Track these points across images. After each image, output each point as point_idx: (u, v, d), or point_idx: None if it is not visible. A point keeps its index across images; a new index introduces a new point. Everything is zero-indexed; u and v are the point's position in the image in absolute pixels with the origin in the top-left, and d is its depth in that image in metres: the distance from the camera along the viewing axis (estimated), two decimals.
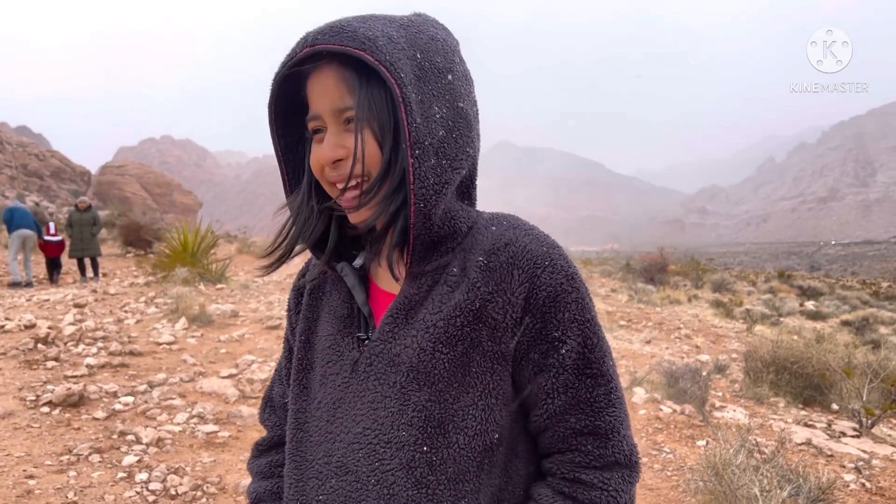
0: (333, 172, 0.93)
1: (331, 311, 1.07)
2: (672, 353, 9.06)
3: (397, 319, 0.96)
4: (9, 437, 4.22)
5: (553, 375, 0.95)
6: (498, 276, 0.93)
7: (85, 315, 8.17)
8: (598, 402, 0.96)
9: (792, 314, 18.09)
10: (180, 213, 65.01)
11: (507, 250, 0.95)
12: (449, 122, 0.93)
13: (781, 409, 6.17)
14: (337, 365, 1.01)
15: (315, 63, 0.90)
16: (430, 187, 0.89)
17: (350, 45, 0.85)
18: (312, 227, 1.01)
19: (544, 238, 0.98)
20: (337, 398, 0.99)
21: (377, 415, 0.94)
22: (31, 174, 63.43)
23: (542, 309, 0.93)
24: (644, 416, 5.47)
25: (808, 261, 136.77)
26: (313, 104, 0.93)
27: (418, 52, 0.92)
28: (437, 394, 0.92)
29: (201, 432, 4.56)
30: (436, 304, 0.94)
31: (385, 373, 0.95)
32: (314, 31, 0.88)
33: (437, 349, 0.92)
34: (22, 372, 5.62)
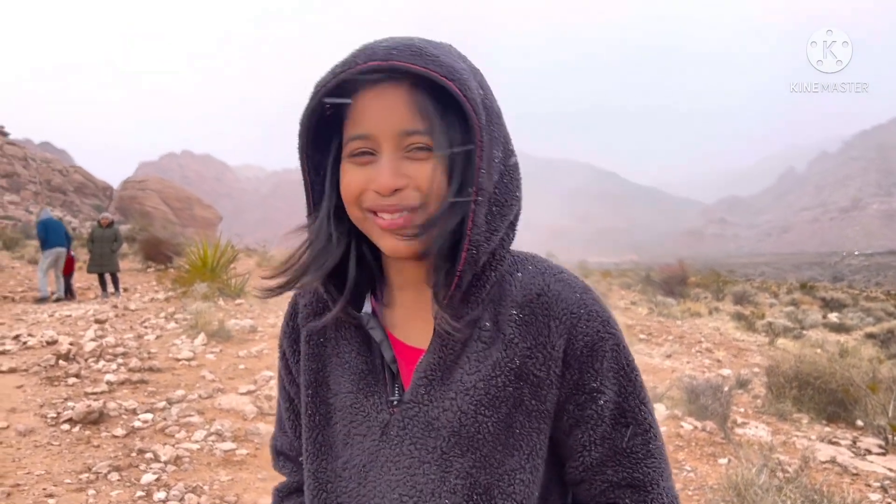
0: (385, 201, 0.84)
1: (343, 363, 0.98)
2: (693, 368, 8.96)
3: (432, 381, 0.91)
4: (30, 455, 4.26)
5: (590, 427, 0.92)
6: (535, 329, 0.90)
7: (105, 331, 8.24)
8: (636, 452, 0.93)
9: (815, 327, 17.85)
10: (200, 227, 65.66)
11: (540, 301, 0.91)
12: (502, 165, 0.89)
13: (805, 425, 6.08)
14: (363, 426, 0.95)
15: (374, 81, 0.83)
16: (482, 234, 0.85)
17: (437, 70, 0.79)
18: (327, 257, 0.93)
19: (575, 281, 0.95)
20: (367, 461, 0.93)
21: (415, 481, 0.89)
22: (54, 189, 64.44)
23: (579, 360, 0.90)
24: (665, 433, 5.40)
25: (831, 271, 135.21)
26: (366, 123, 0.84)
27: (481, 87, 0.87)
28: (481, 459, 0.88)
29: (219, 450, 4.57)
30: (472, 364, 0.89)
31: (422, 437, 0.90)
32: (384, 46, 0.82)
33: (479, 412, 0.88)
34: (43, 388, 5.68)
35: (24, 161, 64.04)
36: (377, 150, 0.84)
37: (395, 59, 0.79)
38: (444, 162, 0.83)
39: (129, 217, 56.65)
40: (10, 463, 4.11)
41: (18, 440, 4.50)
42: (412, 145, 0.83)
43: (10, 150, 63.00)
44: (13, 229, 35.34)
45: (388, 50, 0.80)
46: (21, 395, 5.46)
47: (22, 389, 5.61)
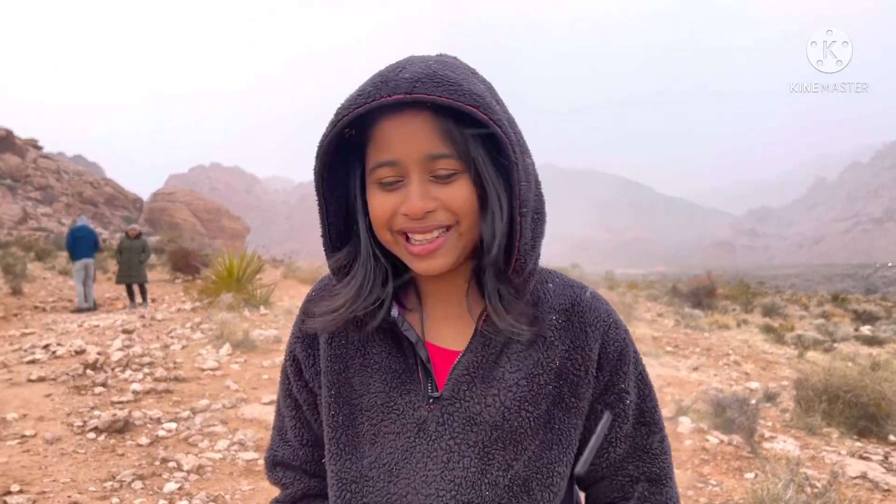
0: (416, 224, 0.87)
1: (371, 364, 1.00)
2: (720, 381, 8.82)
3: (474, 377, 0.95)
4: (56, 463, 4.31)
5: (617, 425, 1.00)
6: (572, 334, 0.97)
7: (133, 341, 8.34)
8: (654, 449, 1.02)
9: (846, 339, 17.50)
10: (229, 239, 66.35)
11: (575, 310, 0.98)
12: (534, 171, 0.93)
13: (835, 440, 5.95)
14: (396, 424, 0.97)
15: (396, 109, 0.85)
16: (528, 243, 0.89)
17: (460, 99, 0.81)
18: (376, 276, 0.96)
19: (598, 295, 1.03)
20: (400, 458, 0.96)
21: (454, 475, 0.93)
22: (86, 201, 65.63)
23: (612, 363, 0.98)
24: (690, 446, 5.32)
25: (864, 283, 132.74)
26: (392, 150, 0.86)
27: (498, 103, 0.89)
28: (521, 452, 0.94)
29: (241, 460, 4.59)
30: (513, 363, 0.95)
31: (463, 432, 0.94)
32: (407, 78, 0.82)
33: (522, 407, 0.94)
34: (71, 397, 5.75)
35: (57, 174, 65.34)
36: (405, 175, 0.87)
37: (419, 91, 0.80)
38: (473, 177, 0.86)
39: (159, 228, 57.48)
40: (36, 470, 4.17)
41: (45, 448, 4.56)
42: (440, 169, 0.85)
43: (44, 163, 64.34)
44: (45, 240, 36.05)
45: (411, 82, 0.81)
46: (49, 403, 5.55)
47: (50, 398, 5.69)
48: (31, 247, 27.86)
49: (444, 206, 0.86)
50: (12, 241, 33.82)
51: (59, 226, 52.22)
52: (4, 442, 4.65)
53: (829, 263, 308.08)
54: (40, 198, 59.41)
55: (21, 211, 51.09)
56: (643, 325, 14.71)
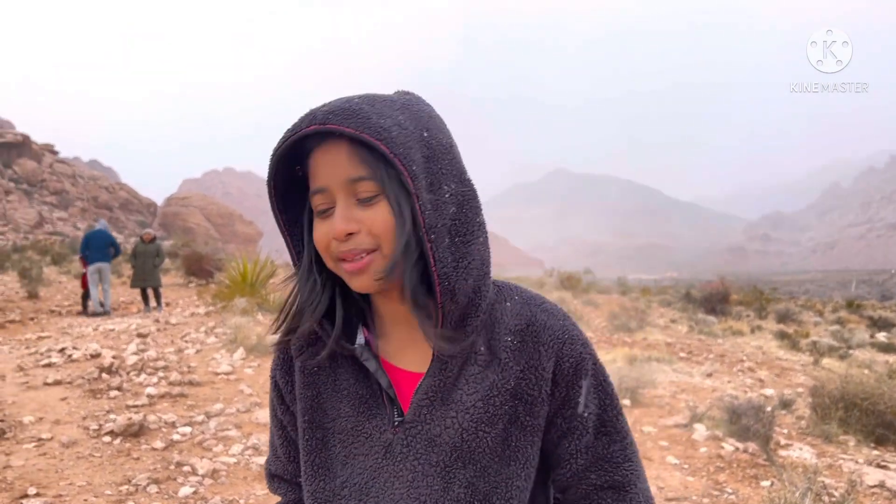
0: (344, 247, 0.93)
1: (340, 390, 1.06)
2: (734, 387, 8.76)
3: (434, 401, 0.99)
4: (72, 466, 4.34)
5: (576, 438, 1.03)
6: (527, 355, 1.00)
7: (147, 345, 8.38)
8: (615, 457, 1.04)
9: (862, 346, 17.33)
10: (241, 243, 66.60)
11: (530, 330, 1.01)
12: (458, 196, 0.96)
13: (851, 448, 5.89)
14: (365, 446, 1.02)
15: (320, 140, 0.92)
16: (449, 266, 0.92)
17: (366, 132, 0.87)
18: (317, 302, 1.01)
19: (556, 311, 1.06)
20: (368, 478, 1.01)
21: (418, 493, 0.98)
22: (101, 206, 66.11)
23: (566, 379, 1.01)
24: (705, 454, 5.29)
25: (879, 290, 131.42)
26: (320, 177, 0.93)
27: (424, 131, 0.94)
28: (481, 470, 0.98)
29: (255, 464, 4.60)
30: (471, 385, 0.98)
31: (425, 453, 0.98)
32: (323, 111, 0.90)
33: (479, 429, 0.97)
34: (86, 401, 5.79)
35: (73, 178, 65.90)
36: (333, 202, 0.93)
37: (331, 122, 0.88)
38: (392, 201, 0.90)
39: (172, 233, 57.80)
40: (53, 474, 4.20)
41: (61, 451, 4.59)
42: (361, 192, 0.91)
43: (60, 168, 64.90)
44: (61, 245, 36.33)
45: (325, 114, 0.89)
46: (65, 406, 5.59)
47: (66, 401, 5.73)
48: (47, 251, 28.08)
49: (366, 230, 0.91)
50: (28, 245, 34.12)
51: (74, 230, 52.65)
52: (21, 445, 4.69)
53: (844, 269, 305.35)
54: (56, 202, 59.92)
55: (37, 215, 51.54)
56: (656, 331, 14.65)
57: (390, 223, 0.91)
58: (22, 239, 41.72)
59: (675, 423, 6.14)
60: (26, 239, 41.82)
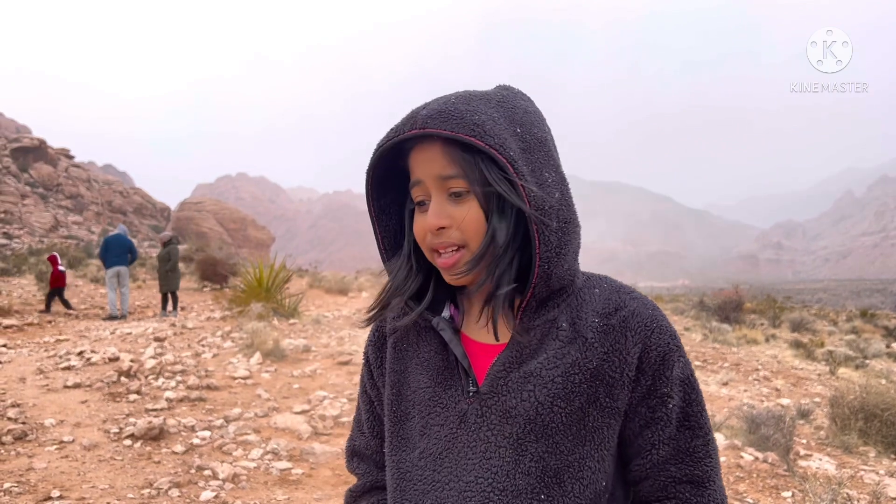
0: (436, 239, 1.00)
1: (422, 362, 1.10)
2: (750, 396, 8.71)
3: (510, 372, 1.01)
4: (94, 469, 4.37)
5: (660, 429, 1.03)
6: (612, 338, 1.01)
7: (165, 349, 8.43)
8: (697, 452, 1.04)
9: (878, 356, 17.17)
10: (254, 248, 66.86)
11: (619, 314, 1.03)
12: (559, 184, 1.02)
13: (872, 459, 5.84)
14: (441, 416, 1.05)
15: (419, 140, 1.00)
16: (552, 250, 0.97)
17: (461, 131, 0.93)
18: (410, 284, 1.09)
19: (646, 300, 1.07)
20: (443, 448, 1.04)
21: (490, 464, 0.99)
22: (115, 210, 66.53)
23: (653, 368, 1.02)
24: (724, 463, 5.26)
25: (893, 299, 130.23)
26: (417, 171, 1.01)
27: (518, 126, 1.00)
28: (553, 445, 0.99)
29: (275, 469, 4.62)
30: (550, 360, 1.00)
31: (499, 424, 1.00)
32: (424, 115, 0.97)
33: (555, 403, 0.99)
34: (106, 404, 5.83)
35: (88, 183, 66.37)
36: (429, 196, 1.01)
37: (430, 126, 0.95)
38: (480, 196, 0.97)
39: (186, 237, 58.11)
40: (75, 476, 4.23)
41: (83, 454, 4.62)
42: (452, 189, 0.98)
43: (75, 172, 65.39)
44: (76, 248, 36.57)
45: (425, 118, 0.96)
46: (85, 409, 5.63)
47: (86, 404, 5.77)
48: (63, 254, 28.27)
49: (456, 225, 0.98)
50: (44, 248, 34.37)
51: (88, 234, 52.99)
52: (43, 448, 4.73)
53: (857, 278, 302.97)
54: (71, 206, 60.37)
55: (52, 219, 51.93)
56: None
57: (479, 221, 0.97)
58: (37, 242, 42.05)
59: None
60: (41, 242, 42.14)
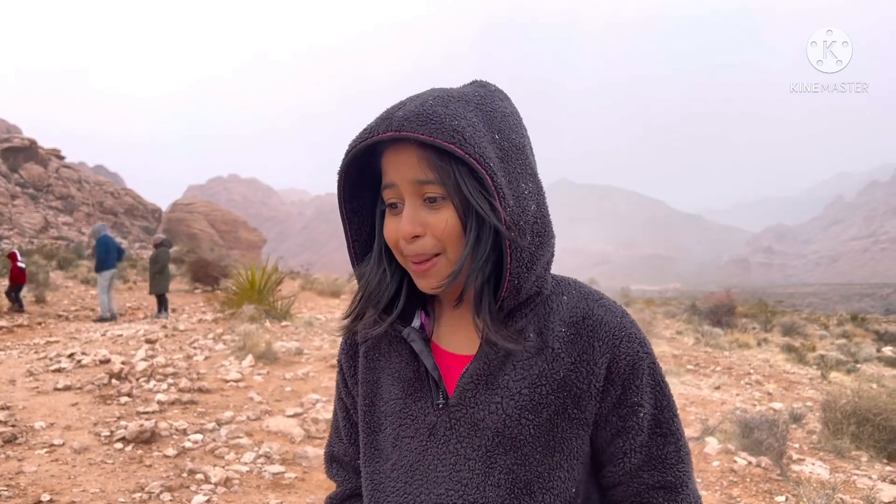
0: (410, 247, 0.96)
1: (393, 373, 1.09)
2: (743, 400, 8.72)
3: (478, 385, 1.00)
4: (84, 473, 4.33)
5: (631, 437, 1.03)
6: (580, 347, 1.00)
7: (156, 351, 8.38)
8: (670, 458, 1.04)
9: (869, 360, 17.25)
10: (245, 250, 66.65)
11: (586, 323, 1.01)
12: (535, 195, 0.99)
13: (864, 463, 5.86)
14: (411, 428, 1.04)
15: (393, 142, 0.95)
16: (524, 264, 0.95)
17: (439, 137, 0.89)
18: (383, 292, 1.06)
19: (614, 307, 1.05)
20: (414, 461, 1.03)
21: (460, 476, 0.98)
22: (106, 211, 66.21)
23: (622, 377, 1.01)
24: (717, 467, 5.26)
25: (883, 303, 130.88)
26: (391, 174, 0.96)
27: (496, 132, 0.96)
28: (522, 457, 0.98)
29: (268, 473, 4.59)
30: (518, 371, 0.99)
31: (468, 437, 0.99)
32: (400, 116, 0.92)
33: (522, 416, 0.98)
34: (97, 407, 5.79)
35: (79, 183, 66.07)
36: (402, 200, 0.96)
37: (406, 129, 0.90)
38: (458, 205, 0.93)
39: (177, 239, 57.88)
40: (65, 480, 4.19)
41: (74, 457, 4.58)
42: (428, 195, 0.94)
43: (66, 173, 65.08)
44: (66, 249, 36.37)
45: (401, 120, 0.91)
46: (76, 412, 5.58)
47: (77, 407, 5.73)
48: (53, 255, 28.11)
49: (431, 233, 0.94)
50: (34, 249, 34.18)
51: (79, 235, 52.71)
52: (33, 451, 4.68)
53: (847, 283, 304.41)
54: (61, 207, 60.06)
55: (42, 219, 51.65)
56: (663, 343, 14.60)
57: (455, 228, 0.94)
58: (28, 243, 41.80)
59: (686, 437, 6.10)
60: (32, 243, 41.90)
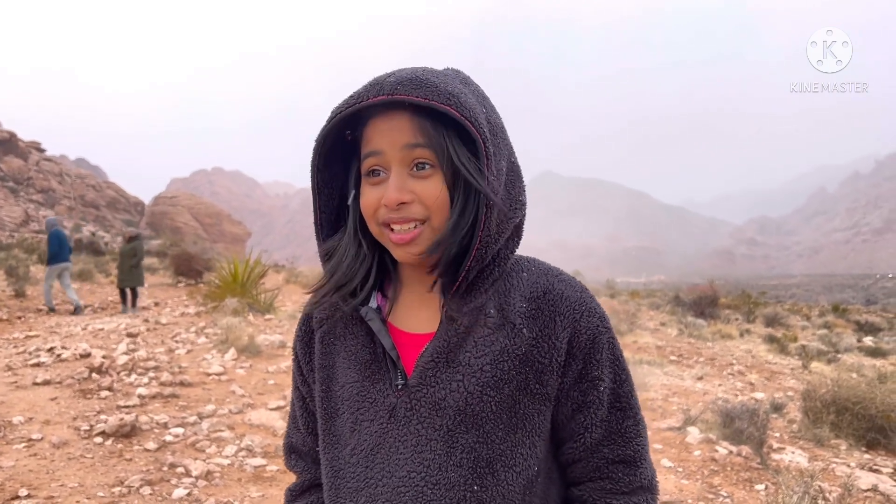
0: (394, 214, 0.94)
1: (349, 356, 1.07)
2: (725, 391, 8.79)
3: (438, 363, 0.98)
4: (63, 467, 4.29)
5: (592, 411, 1.03)
6: (541, 322, 1.00)
7: (137, 345, 8.32)
8: (628, 432, 1.05)
9: (849, 351, 17.44)
10: (229, 243, 66.25)
11: (547, 298, 1.01)
12: (508, 175, 1.00)
13: (843, 452, 5.92)
14: (370, 412, 1.02)
15: (383, 109, 0.93)
16: (492, 237, 0.95)
17: (435, 99, 0.89)
18: (358, 269, 1.04)
19: (574, 282, 1.06)
20: (374, 444, 1.01)
21: (422, 458, 0.97)
22: (87, 204, 65.59)
23: (583, 351, 1.01)
24: (699, 457, 5.30)
25: (864, 294, 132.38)
26: (377, 141, 0.94)
27: (483, 107, 0.97)
28: (484, 435, 0.96)
29: (250, 466, 4.56)
30: (479, 348, 0.98)
31: (429, 417, 0.97)
32: (391, 81, 0.91)
33: (484, 392, 0.96)
34: (77, 401, 5.73)
35: (60, 176, 65.35)
36: (387, 167, 0.94)
37: (400, 92, 0.89)
38: (448, 174, 0.92)
39: (160, 232, 57.45)
40: (44, 475, 4.15)
41: (52, 452, 4.54)
42: (417, 160, 0.92)
43: (46, 166, 64.35)
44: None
45: (393, 85, 0.90)
46: (55, 407, 5.52)
47: (56, 401, 5.67)
48: (34, 249, 27.80)
49: (419, 200, 0.93)
50: (14, 243, 33.80)
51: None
52: (11, 446, 4.63)
53: (829, 274, 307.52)
54: (42, 200, 59.41)
55: (23, 213, 51.08)
56: (647, 334, 14.68)
57: (443, 197, 0.93)
58: (8, 237, 41.34)
59: (668, 427, 6.14)
60: (12, 237, 41.43)
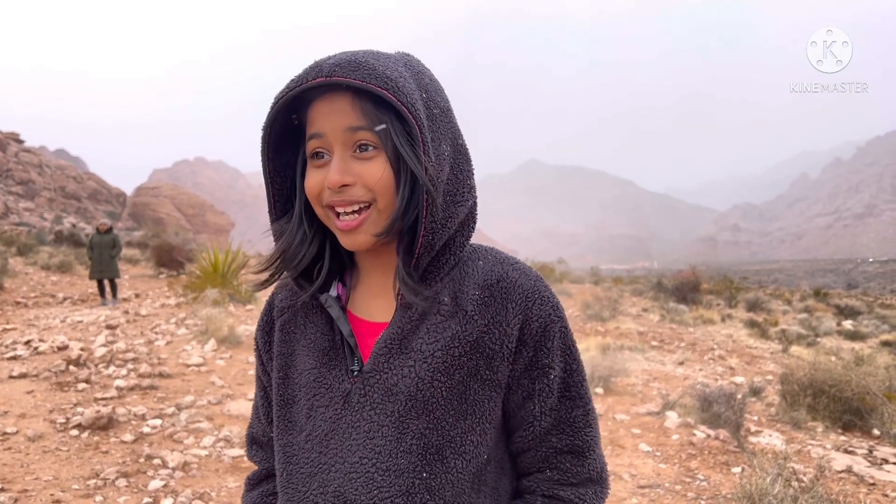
0: (337, 197, 0.94)
1: (308, 344, 1.07)
2: (705, 375, 8.88)
3: (392, 350, 0.99)
4: (38, 461, 4.25)
5: (542, 400, 1.02)
6: (493, 309, 0.99)
7: (116, 336, 8.26)
8: (578, 422, 1.04)
9: (829, 334, 17.66)
10: (213, 233, 65.91)
11: (500, 286, 1.01)
12: (452, 159, 1.00)
13: (820, 434, 5.99)
14: (326, 397, 1.02)
15: (323, 91, 0.93)
16: (438, 222, 0.95)
17: (373, 82, 0.89)
18: (303, 251, 1.04)
19: (529, 271, 1.05)
20: (328, 430, 1.01)
21: (374, 444, 0.97)
22: (68, 196, 64.94)
23: (535, 339, 1.00)
24: (677, 441, 5.34)
25: (845, 278, 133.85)
26: (319, 123, 0.94)
27: (423, 91, 0.97)
28: (434, 421, 0.97)
29: (227, 456, 4.55)
30: (431, 334, 0.98)
31: (381, 402, 0.98)
32: (330, 63, 0.91)
33: (435, 378, 0.96)
34: (53, 394, 5.68)
35: (39, 168, 64.60)
36: (330, 150, 0.94)
37: (337, 74, 0.89)
38: (391, 156, 0.92)
39: (142, 223, 57.00)
40: (18, 468, 4.11)
41: (27, 445, 4.49)
42: (359, 142, 0.92)
43: (26, 157, 63.57)
44: (27, 235, 35.62)
45: (332, 67, 0.90)
46: (31, 400, 5.47)
47: (32, 395, 5.61)
48: (13, 241, 27.48)
49: (361, 182, 0.92)
50: None
51: (41, 220, 51.70)
52: None
53: (811, 259, 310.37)
54: (22, 192, 58.73)
55: (2, 205, 50.49)
56: (629, 320, 14.77)
57: (387, 178, 0.93)
58: None
59: (647, 411, 6.19)
60: None
